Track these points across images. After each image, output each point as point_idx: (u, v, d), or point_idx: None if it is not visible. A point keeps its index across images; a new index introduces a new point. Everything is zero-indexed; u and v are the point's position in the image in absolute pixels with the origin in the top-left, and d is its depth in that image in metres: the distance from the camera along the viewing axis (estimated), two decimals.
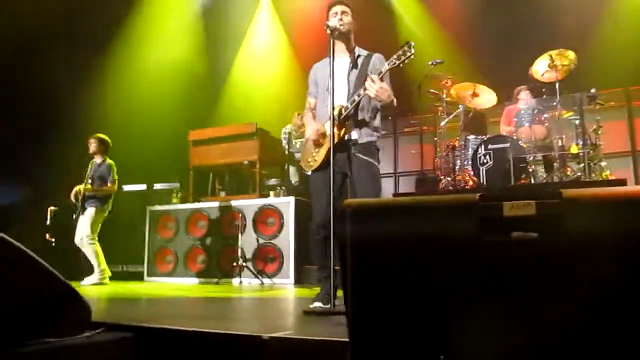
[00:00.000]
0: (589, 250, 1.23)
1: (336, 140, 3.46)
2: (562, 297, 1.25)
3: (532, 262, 1.26)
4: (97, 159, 7.17)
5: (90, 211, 6.92)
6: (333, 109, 3.43)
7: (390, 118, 8.55)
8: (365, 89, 3.44)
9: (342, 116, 3.58)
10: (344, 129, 3.61)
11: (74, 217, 7.04)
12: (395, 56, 3.39)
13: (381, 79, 3.44)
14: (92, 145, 7.17)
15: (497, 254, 1.27)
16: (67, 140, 8.22)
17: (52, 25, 8.18)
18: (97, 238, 6.92)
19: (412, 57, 3.33)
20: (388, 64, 3.44)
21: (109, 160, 7.12)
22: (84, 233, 6.82)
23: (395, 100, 3.60)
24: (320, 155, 3.69)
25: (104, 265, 6.89)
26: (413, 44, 3.32)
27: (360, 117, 3.66)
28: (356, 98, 3.55)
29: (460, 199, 1.30)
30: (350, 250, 1.35)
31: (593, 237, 1.22)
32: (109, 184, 7.03)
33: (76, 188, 7.12)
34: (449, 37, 8.99)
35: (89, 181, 6.96)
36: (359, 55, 3.76)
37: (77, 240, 6.93)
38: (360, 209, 1.39)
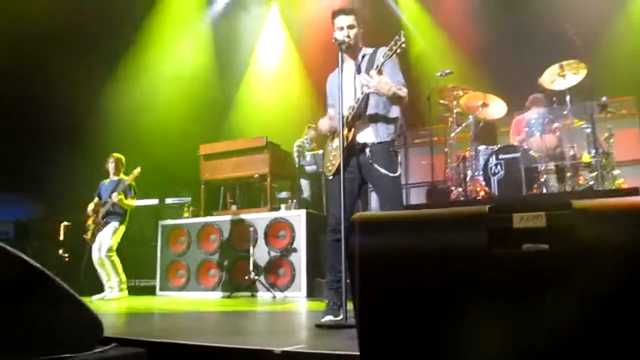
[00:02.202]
0: (601, 262, 1.21)
1: (345, 143, 3.47)
2: (575, 310, 1.24)
3: (543, 274, 1.24)
4: (114, 177, 7.33)
5: (113, 225, 7.03)
6: (344, 119, 3.44)
7: (402, 129, 8.52)
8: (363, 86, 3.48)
9: (351, 116, 3.58)
10: (353, 130, 3.60)
11: (89, 237, 7.11)
12: (387, 47, 3.42)
13: (380, 72, 3.44)
14: (111, 164, 7.35)
15: (508, 266, 1.26)
16: (79, 156, 8.30)
17: (65, 43, 8.29)
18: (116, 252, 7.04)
19: (403, 45, 3.34)
20: (383, 56, 3.44)
21: (126, 177, 7.22)
22: (106, 247, 6.92)
23: (403, 90, 3.57)
24: (337, 158, 3.65)
25: (124, 277, 7.02)
26: (404, 32, 3.36)
27: (373, 112, 3.63)
28: (360, 96, 3.55)
29: (469, 211, 1.30)
30: (358, 263, 1.35)
31: (605, 248, 1.21)
32: (129, 199, 7.15)
33: (92, 205, 7.21)
34: (458, 47, 9.00)
35: (112, 196, 7.04)
36: (364, 56, 3.74)
37: (95, 256, 7.01)
38: (368, 222, 1.39)
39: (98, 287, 7.09)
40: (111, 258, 6.96)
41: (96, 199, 7.30)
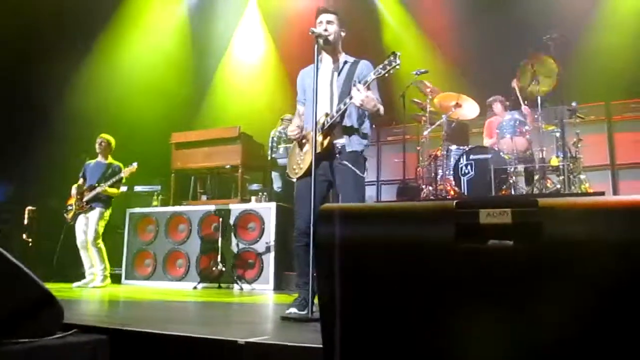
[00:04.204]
0: (565, 258, 1.23)
1: (319, 149, 3.45)
2: (538, 304, 1.25)
3: (508, 270, 1.26)
4: (102, 160, 7.10)
5: (99, 211, 6.84)
6: (316, 116, 3.42)
7: (374, 126, 8.55)
8: (351, 98, 3.44)
9: (327, 125, 3.57)
10: (329, 138, 3.59)
11: (70, 217, 6.90)
12: (381, 66, 3.40)
13: (367, 88, 3.44)
14: (102, 145, 7.09)
15: (474, 260, 1.27)
16: (51, 142, 8.13)
17: (40, 24, 8.10)
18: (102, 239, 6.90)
19: (397, 67, 3.35)
20: (374, 74, 3.44)
21: (116, 162, 7.04)
22: (93, 234, 6.75)
23: (382, 108, 3.61)
24: (305, 162, 3.66)
25: (109, 265, 6.89)
26: (399, 54, 3.34)
27: (348, 124, 3.64)
28: (342, 107, 3.53)
29: (437, 205, 1.31)
30: (326, 254, 1.35)
31: (568, 245, 1.22)
32: (116, 187, 6.96)
33: (76, 186, 6.98)
34: (434, 46, 9.06)
35: (102, 182, 6.83)
36: (345, 62, 3.75)
37: (79, 239, 6.82)
38: (339, 213, 1.39)
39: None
40: (98, 245, 6.78)
41: (81, 180, 7.05)
